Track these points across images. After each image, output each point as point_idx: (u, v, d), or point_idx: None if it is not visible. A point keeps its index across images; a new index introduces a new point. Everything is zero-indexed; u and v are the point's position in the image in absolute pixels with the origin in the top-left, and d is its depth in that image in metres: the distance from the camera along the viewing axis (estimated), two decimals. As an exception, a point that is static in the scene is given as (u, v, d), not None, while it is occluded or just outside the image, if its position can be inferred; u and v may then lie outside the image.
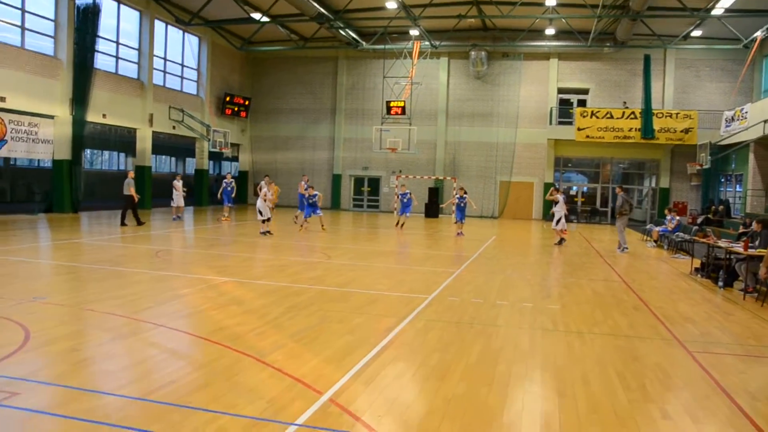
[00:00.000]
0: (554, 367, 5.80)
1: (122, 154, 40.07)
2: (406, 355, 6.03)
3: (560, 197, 18.46)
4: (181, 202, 22.62)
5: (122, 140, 31.06)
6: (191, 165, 38.36)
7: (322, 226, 20.26)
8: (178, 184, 22.49)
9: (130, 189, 19.20)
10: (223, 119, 33.49)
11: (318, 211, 19.47)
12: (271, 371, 5.26)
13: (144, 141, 27.73)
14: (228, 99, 33.75)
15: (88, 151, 41.73)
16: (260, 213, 17.67)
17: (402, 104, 29.86)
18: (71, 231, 17.47)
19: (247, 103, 35.15)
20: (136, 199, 19.55)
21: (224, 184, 23.33)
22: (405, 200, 22.42)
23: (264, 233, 17.46)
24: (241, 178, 36.03)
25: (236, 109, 34.45)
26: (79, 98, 23.25)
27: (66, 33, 22.84)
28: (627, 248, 16.98)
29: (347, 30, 29.67)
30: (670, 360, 6.23)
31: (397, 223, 22.57)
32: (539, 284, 10.79)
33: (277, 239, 16.76)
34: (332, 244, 16.22)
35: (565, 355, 6.24)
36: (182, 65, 30.75)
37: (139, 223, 19.38)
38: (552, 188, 19.88)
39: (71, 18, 22.88)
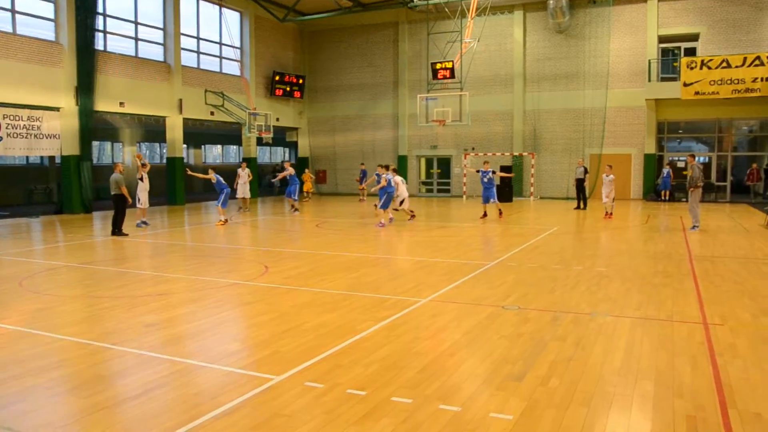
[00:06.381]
0: None
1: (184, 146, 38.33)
2: None
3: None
4: (146, 202, 16.70)
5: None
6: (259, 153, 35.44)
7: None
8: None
9: (120, 188, 14.62)
10: (273, 101, 30.49)
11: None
12: None
13: (174, 130, 25.29)
14: (278, 78, 30.64)
15: (158, 145, 40.90)
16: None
17: (450, 65, 24.88)
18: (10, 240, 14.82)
19: (301, 81, 31.91)
20: (130, 201, 14.97)
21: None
22: (486, 180, 18.08)
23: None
24: (301, 165, 32.87)
25: (288, 89, 31.28)
26: (85, 86, 20.98)
27: (66, 14, 20.53)
28: (698, 226, 14.91)
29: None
30: None
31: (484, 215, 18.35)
32: (529, 334, 6.18)
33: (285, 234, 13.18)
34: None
35: None
36: (220, 44, 27.95)
37: (120, 232, 14.64)
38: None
39: (71, -4, 20.56)
